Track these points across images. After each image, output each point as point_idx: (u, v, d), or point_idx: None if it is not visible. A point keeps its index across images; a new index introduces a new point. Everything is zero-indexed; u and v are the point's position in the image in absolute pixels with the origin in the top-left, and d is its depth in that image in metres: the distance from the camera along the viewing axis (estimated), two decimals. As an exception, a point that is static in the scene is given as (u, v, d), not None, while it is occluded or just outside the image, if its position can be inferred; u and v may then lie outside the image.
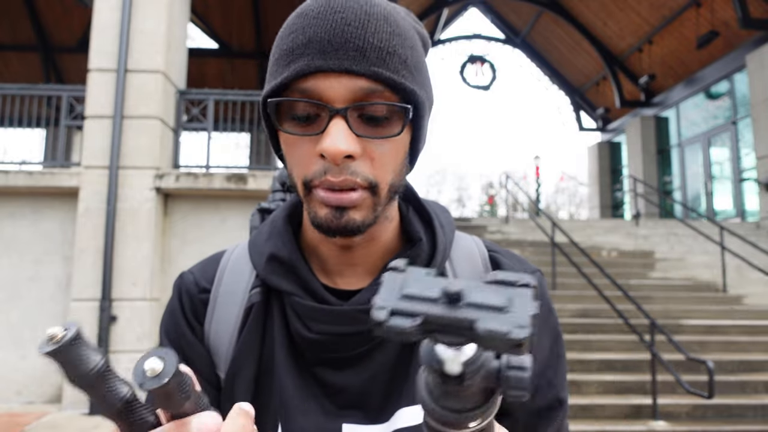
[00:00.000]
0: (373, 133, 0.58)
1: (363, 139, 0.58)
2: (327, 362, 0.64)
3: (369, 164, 0.59)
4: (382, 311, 0.29)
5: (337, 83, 0.56)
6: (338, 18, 0.57)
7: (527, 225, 9.79)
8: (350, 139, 0.56)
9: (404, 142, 0.62)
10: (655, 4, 12.17)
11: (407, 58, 0.59)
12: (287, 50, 0.59)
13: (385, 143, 0.59)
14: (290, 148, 0.61)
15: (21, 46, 12.68)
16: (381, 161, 0.59)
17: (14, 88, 6.27)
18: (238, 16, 12.14)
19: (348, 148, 0.56)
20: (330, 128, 0.56)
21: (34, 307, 5.69)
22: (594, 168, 17.16)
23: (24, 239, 5.78)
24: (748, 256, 7.79)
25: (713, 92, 12.44)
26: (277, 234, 0.69)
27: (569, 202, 36.01)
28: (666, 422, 4.71)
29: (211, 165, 6.19)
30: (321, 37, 0.56)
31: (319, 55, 0.56)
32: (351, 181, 0.57)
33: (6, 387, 5.55)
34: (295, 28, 0.59)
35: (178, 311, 0.70)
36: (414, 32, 0.64)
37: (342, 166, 0.57)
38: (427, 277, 0.31)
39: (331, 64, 0.56)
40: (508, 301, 0.29)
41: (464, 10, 16.43)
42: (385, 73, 0.56)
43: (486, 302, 0.29)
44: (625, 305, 6.04)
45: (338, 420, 0.62)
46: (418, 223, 0.70)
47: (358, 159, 0.58)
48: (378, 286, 0.62)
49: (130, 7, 5.77)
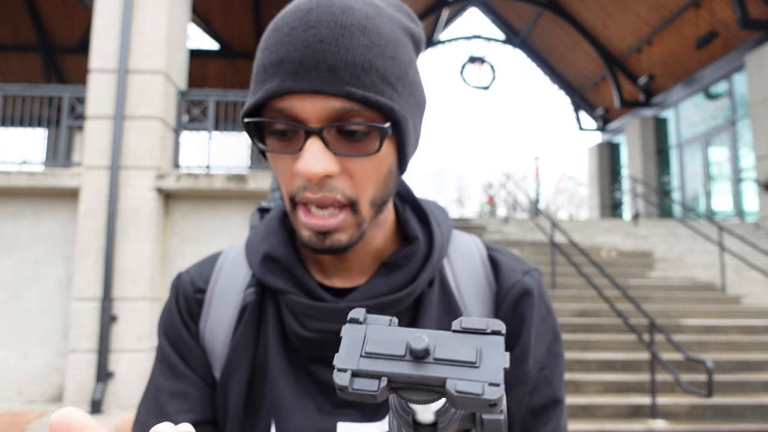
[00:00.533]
0: (351, 151, 0.57)
1: (341, 157, 0.57)
2: (322, 360, 0.64)
3: (348, 181, 0.58)
4: (343, 375, 0.27)
5: (310, 104, 0.55)
6: (310, 35, 0.54)
7: (527, 225, 9.81)
8: (327, 158, 0.55)
9: (386, 156, 0.60)
10: (654, 5, 12.18)
11: (386, 71, 0.57)
12: (262, 67, 0.58)
13: (364, 160, 0.58)
14: (274, 163, 0.61)
15: (22, 46, 12.68)
16: (361, 178, 0.58)
17: (15, 89, 6.29)
18: (239, 17, 12.15)
19: (324, 169, 0.55)
20: (305, 148, 0.55)
21: (34, 307, 5.70)
22: (593, 168, 17.17)
23: (25, 239, 5.79)
24: (747, 256, 7.80)
25: (712, 92, 12.45)
26: (272, 234, 0.69)
27: (569, 203, 36.00)
28: (665, 421, 4.72)
29: (212, 165, 6.20)
30: (293, 57, 0.55)
31: (290, 76, 0.55)
32: (330, 198, 0.57)
33: (7, 386, 5.57)
34: (269, 43, 0.58)
35: (175, 311, 0.70)
36: (400, 34, 0.61)
37: (321, 184, 0.57)
38: (390, 328, 0.29)
39: (302, 86, 0.54)
40: (478, 354, 0.27)
41: (464, 10, 16.43)
42: (359, 92, 0.54)
43: (455, 357, 0.27)
44: (625, 305, 6.06)
45: (333, 418, 0.62)
46: (415, 222, 0.70)
47: (337, 176, 0.57)
48: (373, 283, 0.64)
49: (130, 7, 5.78)
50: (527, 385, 0.66)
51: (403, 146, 0.60)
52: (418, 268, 0.65)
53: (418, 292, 0.65)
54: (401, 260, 0.65)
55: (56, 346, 5.64)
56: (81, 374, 5.25)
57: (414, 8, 13.57)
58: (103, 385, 5.18)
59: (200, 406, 0.66)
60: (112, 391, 5.26)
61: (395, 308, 0.63)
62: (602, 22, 13.71)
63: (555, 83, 17.02)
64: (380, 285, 0.63)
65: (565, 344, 5.79)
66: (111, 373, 5.24)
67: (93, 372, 5.25)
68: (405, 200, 0.73)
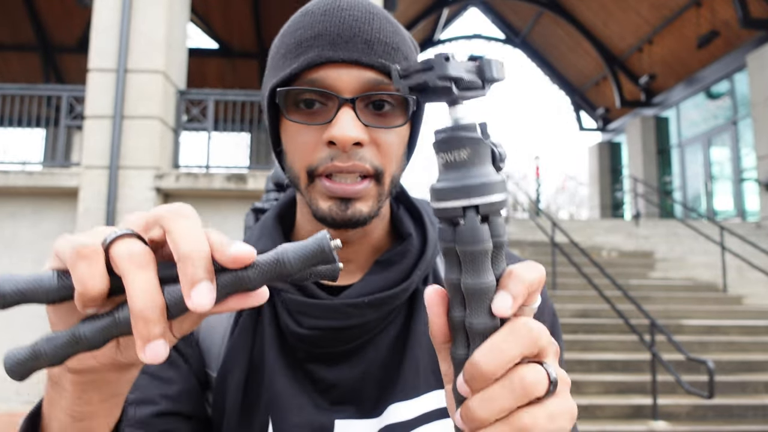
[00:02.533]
0: (379, 123, 0.61)
1: (369, 129, 0.60)
2: (318, 358, 0.64)
3: (376, 152, 0.61)
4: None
5: (346, 74, 0.59)
6: (345, 15, 0.60)
7: (527, 225, 9.79)
8: (359, 126, 0.59)
9: (406, 134, 0.65)
10: (655, 4, 12.17)
11: (408, 56, 0.63)
12: (294, 44, 0.61)
13: (390, 133, 0.61)
14: (294, 137, 0.62)
15: (21, 46, 12.68)
16: (386, 150, 0.61)
17: (14, 88, 6.28)
18: (238, 16, 12.13)
19: (357, 135, 0.58)
20: (339, 116, 0.58)
21: (34, 307, 5.69)
22: (594, 168, 17.16)
23: (24, 239, 5.78)
24: (749, 257, 7.78)
25: (713, 92, 12.44)
26: (267, 234, 0.70)
27: (569, 202, 35.99)
28: (666, 422, 4.70)
29: (211, 165, 6.19)
30: (330, 30, 0.59)
31: (329, 46, 0.59)
32: (360, 167, 0.60)
33: (6, 386, 5.56)
34: (301, 24, 0.62)
35: None
36: (410, 41, 0.67)
37: (350, 153, 0.59)
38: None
39: (341, 55, 0.58)
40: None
41: (464, 10, 16.42)
42: (390, 65, 0.59)
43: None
44: (626, 305, 6.04)
45: (330, 415, 0.62)
46: (409, 221, 0.71)
47: (366, 146, 0.60)
48: (367, 280, 0.64)
49: (129, 7, 5.77)
50: None
51: (415, 131, 0.66)
52: (412, 265, 0.67)
53: (412, 289, 0.66)
54: (395, 257, 0.66)
55: (55, 347, 5.63)
56: (80, 375, 5.24)
57: (414, 8, 13.55)
58: (102, 385, 5.17)
59: (182, 396, 0.63)
60: (111, 392, 5.25)
61: (390, 305, 0.64)
62: (603, 21, 13.69)
63: (555, 83, 17.01)
64: (375, 282, 0.64)
65: (566, 345, 5.77)
66: (110, 373, 5.23)
67: (92, 372, 5.24)
68: (398, 199, 0.74)
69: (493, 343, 0.35)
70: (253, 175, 5.82)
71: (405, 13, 13.03)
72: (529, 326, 0.36)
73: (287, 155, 0.65)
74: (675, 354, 5.16)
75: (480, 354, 0.35)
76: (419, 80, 0.36)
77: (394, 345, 0.65)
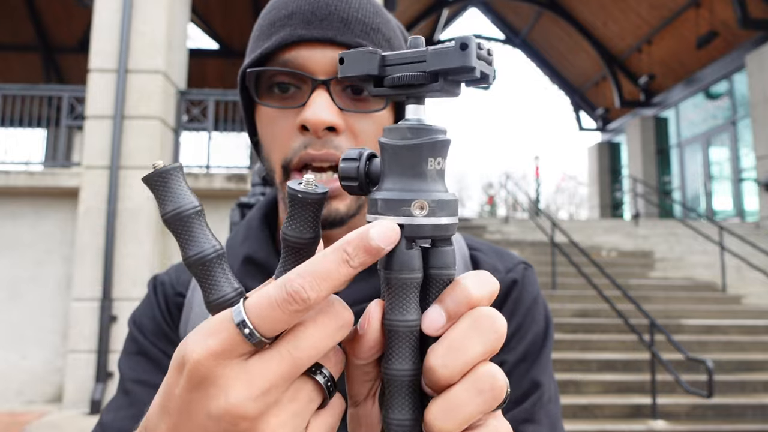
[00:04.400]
0: (356, 108, 0.56)
1: (345, 114, 0.55)
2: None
3: (352, 141, 0.56)
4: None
5: (320, 54, 0.55)
6: None
7: (527, 225, 9.80)
8: (333, 110, 0.54)
9: (385, 121, 0.59)
10: (654, 5, 12.17)
11: (390, 38, 0.57)
12: (268, 24, 0.57)
13: (368, 119, 0.56)
14: (268, 125, 0.59)
15: (22, 46, 12.68)
16: (364, 140, 0.56)
17: (15, 89, 6.28)
18: (239, 17, 12.13)
19: (330, 119, 0.54)
20: (312, 98, 0.54)
21: (34, 307, 5.69)
22: (594, 168, 17.16)
23: (25, 239, 5.78)
24: (748, 256, 7.79)
25: (713, 92, 12.44)
26: (252, 235, 0.66)
27: (569, 202, 35.98)
28: (665, 422, 4.71)
29: (211, 165, 6.19)
30: (304, 9, 0.55)
31: (302, 24, 0.55)
32: (334, 156, 0.55)
33: (6, 386, 5.56)
34: (276, 4, 0.58)
35: (156, 306, 0.67)
36: (397, 28, 0.61)
37: (324, 140, 0.55)
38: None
39: (315, 33, 0.54)
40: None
41: (464, 10, 16.42)
42: (370, 46, 0.54)
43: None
44: (625, 305, 6.05)
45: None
46: None
47: (341, 134, 0.55)
48: (354, 289, 0.59)
49: (130, 7, 5.78)
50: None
51: (400, 115, 0.59)
52: None
53: None
54: None
55: (56, 346, 5.63)
56: (80, 374, 5.24)
57: (414, 8, 13.55)
58: (103, 385, 5.17)
59: None
60: (112, 392, 5.25)
61: None
62: (602, 21, 13.70)
63: (555, 83, 17.02)
64: (362, 289, 0.60)
65: (566, 344, 5.78)
66: (111, 373, 5.23)
67: (92, 372, 5.24)
68: None
69: (452, 341, 0.30)
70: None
71: (405, 13, 13.04)
72: (492, 317, 0.30)
73: (263, 146, 0.61)
74: (674, 353, 5.17)
75: (436, 357, 0.29)
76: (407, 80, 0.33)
77: None
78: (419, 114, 0.32)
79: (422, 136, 0.31)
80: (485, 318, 0.30)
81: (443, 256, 0.31)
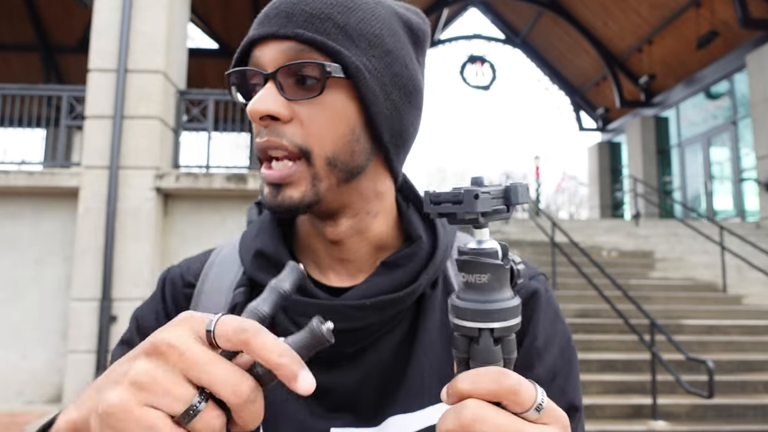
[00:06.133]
0: (301, 96, 0.57)
1: (294, 103, 0.56)
2: (314, 361, 0.61)
3: (299, 129, 0.56)
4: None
5: (267, 49, 0.57)
6: None
7: (527, 225, 9.80)
8: (275, 100, 0.55)
9: (342, 110, 0.58)
10: (655, 4, 12.17)
11: (346, 24, 0.57)
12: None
13: (313, 106, 0.56)
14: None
15: (21, 46, 12.68)
16: (312, 127, 0.57)
17: (14, 88, 6.28)
18: (238, 16, 12.13)
19: (266, 107, 0.55)
20: (258, 91, 0.57)
21: (34, 307, 5.69)
22: (594, 168, 17.16)
23: (24, 239, 5.78)
24: (748, 256, 7.79)
25: (713, 92, 12.44)
26: (264, 230, 0.67)
27: (569, 202, 35.98)
28: (666, 422, 4.71)
29: (211, 165, 6.19)
30: (266, 11, 0.59)
31: (256, 26, 0.59)
32: (274, 143, 0.56)
33: (6, 387, 5.56)
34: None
35: (159, 301, 0.68)
36: (384, 13, 0.61)
37: (270, 129, 0.56)
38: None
39: (260, 31, 0.58)
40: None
41: (464, 10, 16.43)
42: (307, 33, 0.55)
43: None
44: (625, 305, 6.04)
45: (326, 423, 0.59)
46: (419, 222, 0.67)
47: (289, 123, 0.56)
48: (371, 282, 0.62)
49: (130, 7, 5.77)
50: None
51: (366, 106, 0.58)
52: (420, 268, 0.63)
53: (419, 293, 0.62)
54: (402, 260, 0.63)
55: (56, 347, 5.63)
56: (81, 374, 5.24)
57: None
58: (103, 385, 5.16)
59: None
60: (112, 392, 5.25)
61: (394, 308, 0.60)
62: (603, 21, 13.70)
63: (555, 83, 17.01)
64: (380, 284, 0.61)
65: (566, 344, 5.77)
66: (110, 373, 5.23)
67: (92, 372, 5.24)
68: (408, 199, 0.70)
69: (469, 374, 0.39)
70: (253, 175, 5.82)
71: (405, 13, 13.03)
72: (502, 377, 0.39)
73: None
74: (675, 354, 5.17)
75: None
76: (448, 210, 0.40)
77: (397, 350, 0.61)
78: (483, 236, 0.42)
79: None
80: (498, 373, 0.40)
81: (508, 344, 0.41)
